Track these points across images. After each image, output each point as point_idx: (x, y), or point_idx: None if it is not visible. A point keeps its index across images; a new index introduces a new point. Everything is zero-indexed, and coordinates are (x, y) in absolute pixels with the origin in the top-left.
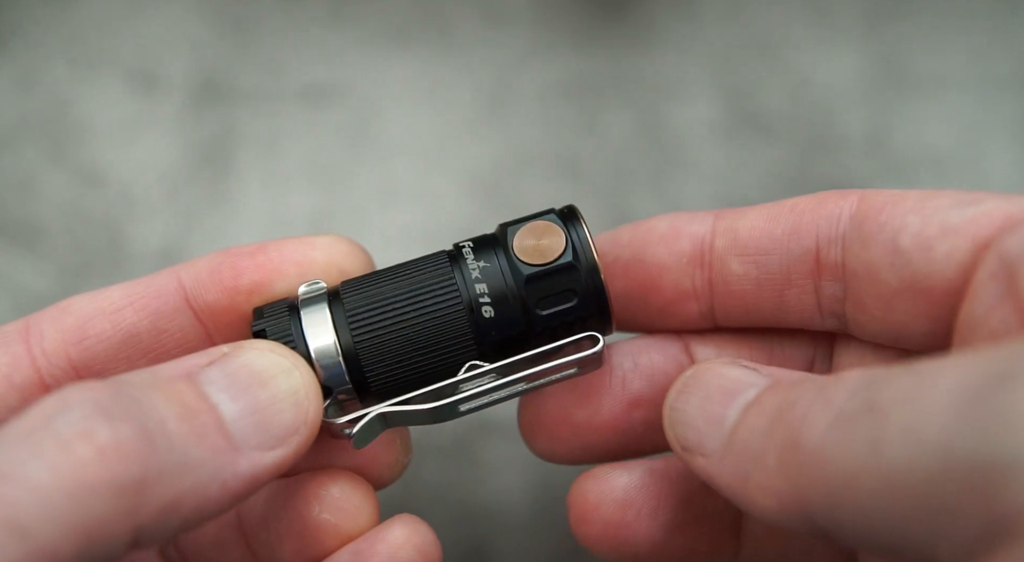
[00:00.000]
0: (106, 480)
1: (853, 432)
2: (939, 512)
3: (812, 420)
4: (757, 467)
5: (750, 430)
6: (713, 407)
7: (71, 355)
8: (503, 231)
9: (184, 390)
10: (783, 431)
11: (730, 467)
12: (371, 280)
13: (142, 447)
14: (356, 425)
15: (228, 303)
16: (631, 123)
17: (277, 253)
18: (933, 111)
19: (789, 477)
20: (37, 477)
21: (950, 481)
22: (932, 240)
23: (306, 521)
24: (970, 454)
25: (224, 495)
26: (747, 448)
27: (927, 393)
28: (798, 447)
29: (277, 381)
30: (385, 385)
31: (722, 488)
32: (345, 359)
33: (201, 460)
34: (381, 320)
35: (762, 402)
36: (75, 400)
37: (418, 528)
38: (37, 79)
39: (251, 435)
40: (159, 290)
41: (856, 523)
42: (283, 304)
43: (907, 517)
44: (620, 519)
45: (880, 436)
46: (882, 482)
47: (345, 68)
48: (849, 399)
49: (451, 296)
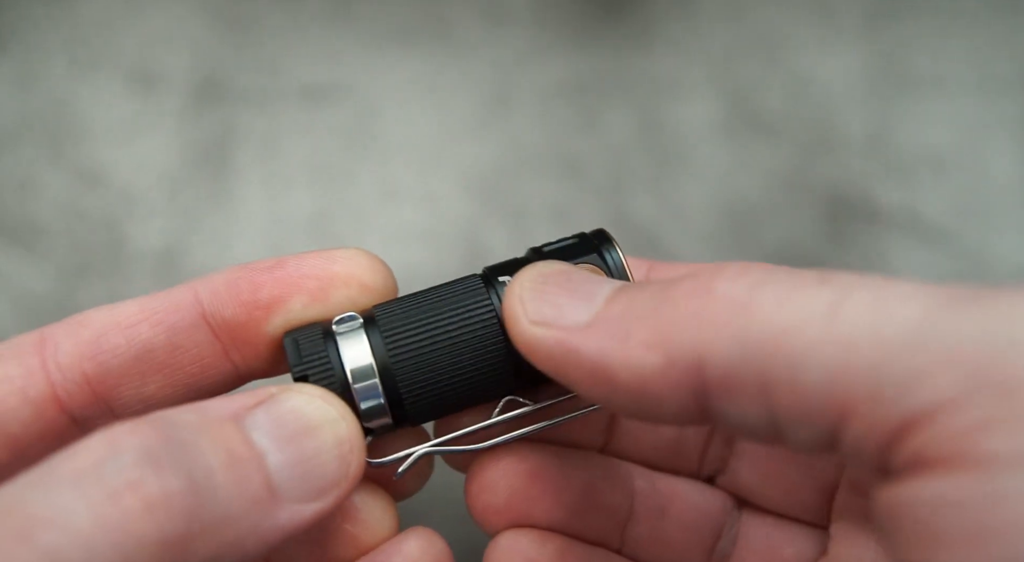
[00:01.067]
0: (152, 534)
1: (802, 297)
2: (904, 375)
3: (728, 280)
4: (643, 325)
5: (631, 299)
6: (580, 287)
7: (85, 369)
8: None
9: (231, 435)
10: (689, 285)
11: (602, 332)
12: (405, 303)
13: (190, 501)
14: (402, 464)
15: (246, 318)
16: (631, 123)
17: (296, 267)
18: (933, 111)
19: (689, 328)
20: (83, 526)
21: (931, 352)
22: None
23: (326, 531)
24: (966, 334)
25: (260, 546)
26: (629, 309)
27: (895, 285)
28: (713, 298)
29: (323, 431)
30: (421, 408)
31: (584, 356)
32: (383, 382)
33: (244, 512)
34: (418, 342)
35: (639, 285)
36: (125, 446)
37: (433, 540)
38: (37, 79)
39: (294, 487)
40: (175, 305)
41: (777, 378)
42: (317, 330)
43: (852, 377)
44: (526, 492)
45: (839, 303)
46: (832, 342)
47: (345, 68)
48: (794, 274)
49: (487, 319)
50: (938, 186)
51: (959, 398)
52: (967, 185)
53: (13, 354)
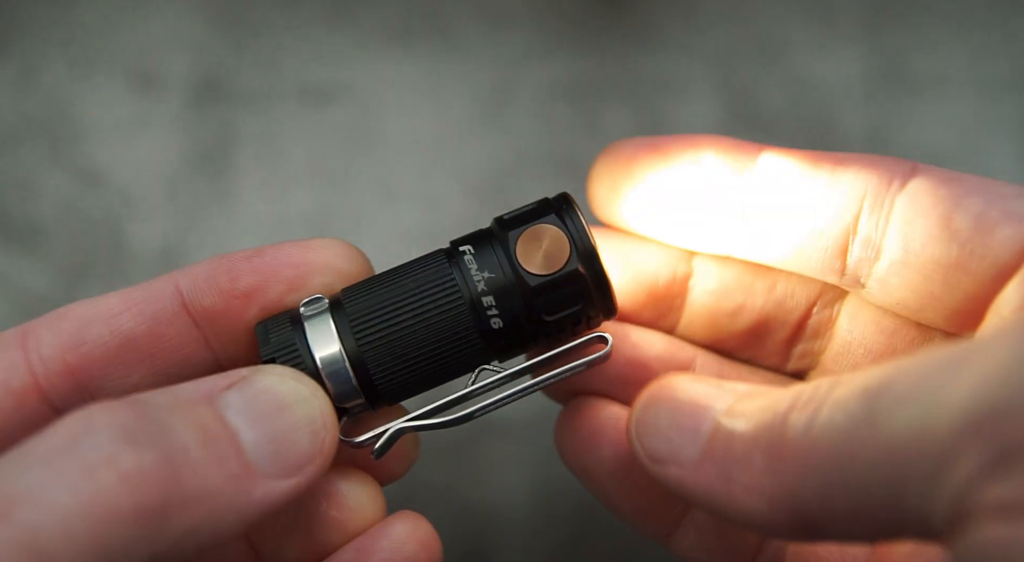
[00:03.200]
0: (129, 507)
1: (845, 413)
2: (939, 461)
3: (795, 418)
4: (740, 469)
5: (728, 436)
6: (684, 419)
7: (68, 360)
8: (504, 236)
9: (205, 414)
10: (767, 432)
11: (709, 473)
12: (370, 285)
13: (165, 474)
14: (378, 441)
15: (224, 307)
16: (631, 123)
17: (273, 256)
18: (933, 111)
19: (777, 473)
20: (59, 502)
21: (955, 429)
22: (994, 223)
23: (312, 517)
24: (977, 402)
25: (238, 523)
26: (728, 453)
27: (916, 367)
28: (785, 443)
29: (296, 409)
30: (394, 388)
31: (699, 495)
32: (352, 365)
33: (219, 488)
34: (384, 323)
35: (737, 410)
36: (100, 423)
37: (419, 524)
38: (37, 79)
39: (268, 463)
40: (156, 295)
41: (852, 499)
42: (285, 318)
43: (905, 475)
44: (598, 426)
45: (874, 410)
46: (879, 445)
47: (345, 68)
48: (835, 394)
49: (452, 296)
50: None
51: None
52: None
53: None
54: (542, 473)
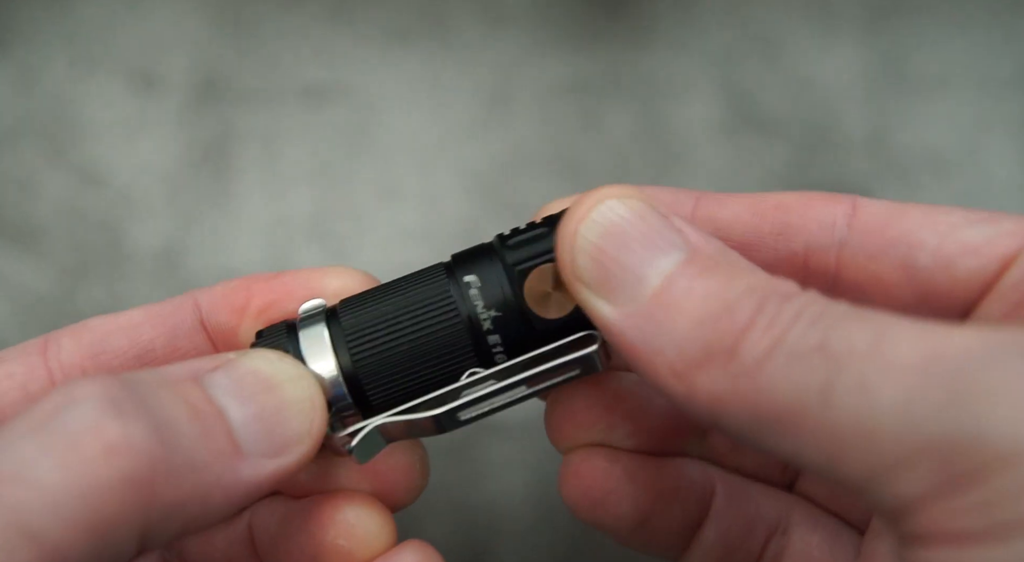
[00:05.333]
0: (116, 478)
1: (801, 371)
2: (886, 466)
3: (754, 339)
4: (675, 349)
5: (673, 308)
6: (630, 256)
7: (86, 368)
8: (513, 273)
9: (191, 391)
10: (716, 333)
11: (641, 331)
12: (368, 297)
13: (152, 445)
14: (355, 438)
15: (238, 324)
16: (631, 123)
17: (292, 279)
18: (933, 111)
19: (713, 379)
20: (45, 477)
21: (906, 444)
22: (953, 258)
23: (320, 546)
24: (936, 424)
25: (225, 501)
26: (667, 324)
27: (888, 351)
28: (735, 357)
29: (284, 388)
30: (388, 403)
31: (621, 343)
32: (346, 379)
33: (207, 463)
34: (380, 338)
35: (692, 286)
36: (84, 394)
37: (428, 554)
38: (37, 79)
39: (256, 441)
40: (175, 310)
41: (786, 448)
42: (282, 325)
43: (847, 461)
44: (612, 485)
45: (831, 383)
46: (827, 428)
47: (345, 68)
48: (801, 333)
49: (449, 314)
50: (938, 186)
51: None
52: (967, 185)
53: (17, 355)
54: (541, 474)
